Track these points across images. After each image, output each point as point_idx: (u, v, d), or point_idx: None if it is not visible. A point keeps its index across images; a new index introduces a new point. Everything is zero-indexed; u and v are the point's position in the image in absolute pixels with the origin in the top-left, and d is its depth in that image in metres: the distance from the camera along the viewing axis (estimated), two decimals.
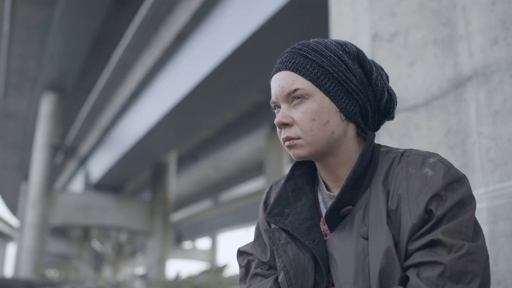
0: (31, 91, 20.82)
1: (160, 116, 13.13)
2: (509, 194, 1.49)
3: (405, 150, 1.11)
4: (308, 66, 1.09)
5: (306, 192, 1.19)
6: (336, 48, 1.13)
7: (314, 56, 1.11)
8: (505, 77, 1.62)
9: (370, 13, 2.23)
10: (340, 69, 1.10)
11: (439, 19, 1.91)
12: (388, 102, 1.16)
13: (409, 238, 0.97)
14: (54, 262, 33.50)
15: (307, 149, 1.09)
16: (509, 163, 1.57)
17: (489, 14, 1.69)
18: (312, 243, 1.10)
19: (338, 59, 1.11)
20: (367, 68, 1.13)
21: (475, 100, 1.70)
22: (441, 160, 1.03)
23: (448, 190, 0.98)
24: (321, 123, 1.07)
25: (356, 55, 1.13)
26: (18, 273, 20.38)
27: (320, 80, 1.08)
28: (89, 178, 22.51)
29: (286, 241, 1.13)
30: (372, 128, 1.18)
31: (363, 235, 1.02)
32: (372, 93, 1.13)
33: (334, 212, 1.07)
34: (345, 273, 1.02)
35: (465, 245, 0.94)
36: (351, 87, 1.10)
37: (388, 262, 0.96)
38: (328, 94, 1.08)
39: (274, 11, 7.78)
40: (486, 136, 1.64)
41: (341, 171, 1.12)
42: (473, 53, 1.73)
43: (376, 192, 1.05)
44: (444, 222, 0.96)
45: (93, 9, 15.06)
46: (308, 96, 1.08)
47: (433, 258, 0.94)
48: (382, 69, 1.20)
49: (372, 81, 1.13)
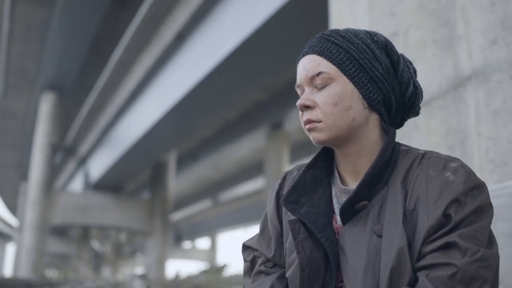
0: (31, 91, 20.82)
1: (160, 116, 13.12)
2: (509, 194, 1.50)
3: (426, 151, 1.10)
4: (335, 51, 1.09)
5: (324, 185, 1.17)
6: (365, 36, 1.13)
7: (341, 42, 1.10)
8: (504, 78, 1.62)
9: (370, 13, 2.24)
10: (367, 56, 1.09)
11: (438, 19, 1.91)
12: (413, 95, 1.14)
13: (424, 240, 0.97)
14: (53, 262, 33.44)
15: (327, 133, 1.08)
16: (508, 164, 1.57)
17: (489, 14, 1.69)
18: (326, 241, 1.09)
19: (365, 47, 1.10)
20: (394, 59, 1.13)
21: (474, 100, 1.70)
22: (462, 166, 1.03)
23: (468, 196, 0.98)
24: (343, 108, 1.07)
25: (385, 45, 1.13)
26: (17, 273, 20.38)
27: (345, 65, 1.08)
28: (89, 178, 22.51)
29: (304, 236, 1.12)
30: (395, 122, 1.17)
31: (377, 232, 1.01)
32: (398, 84, 1.12)
33: (349, 206, 1.06)
34: (355, 268, 1.01)
35: (480, 250, 0.93)
36: (376, 75, 1.09)
37: (399, 262, 0.96)
38: (352, 80, 1.08)
39: (274, 10, 7.78)
40: (486, 136, 1.65)
41: (360, 162, 1.11)
42: (473, 53, 1.73)
43: (394, 190, 1.04)
44: (461, 227, 0.96)
45: (93, 9, 15.05)
46: (331, 80, 1.08)
47: (446, 260, 0.93)
48: (411, 63, 1.19)
49: (398, 72, 1.12)
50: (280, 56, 9.73)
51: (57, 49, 17.23)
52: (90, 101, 17.80)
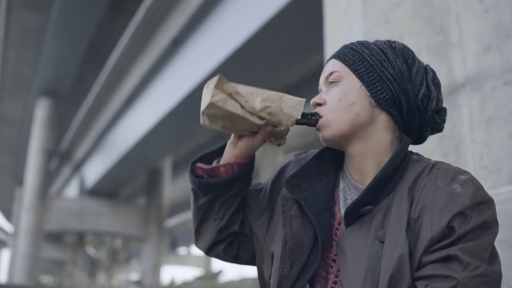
0: (26, 95, 20.77)
1: (156, 121, 13.11)
2: (503, 200, 1.50)
3: (436, 162, 1.09)
4: (350, 54, 1.15)
5: (329, 175, 1.19)
6: (383, 44, 1.17)
7: (358, 48, 1.16)
8: (498, 84, 1.63)
9: (364, 19, 2.24)
10: (379, 58, 1.13)
11: (432, 26, 1.92)
12: (425, 98, 1.13)
13: (425, 249, 0.97)
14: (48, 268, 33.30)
15: (330, 130, 1.11)
16: (502, 170, 1.57)
17: (482, 21, 1.70)
18: (319, 225, 1.10)
19: (379, 51, 1.14)
20: (409, 63, 1.15)
21: (468, 106, 1.71)
22: (472, 179, 1.02)
23: (474, 210, 0.97)
24: (346, 103, 1.10)
25: (401, 51, 1.16)
26: (12, 279, 20.26)
27: (356, 65, 1.13)
28: (84, 184, 22.44)
29: (295, 213, 1.14)
30: (413, 132, 1.17)
31: (379, 238, 1.01)
32: (412, 88, 1.13)
33: (355, 209, 1.06)
34: (355, 271, 1.01)
35: (481, 266, 0.93)
36: (385, 74, 1.11)
37: (399, 269, 0.96)
38: (360, 78, 1.12)
39: (270, 16, 7.80)
40: (479, 142, 1.65)
41: (366, 163, 1.12)
42: (467, 60, 1.74)
43: (400, 197, 1.04)
44: (463, 241, 0.95)
45: (89, 14, 15.06)
46: (341, 78, 1.13)
47: (446, 272, 0.93)
48: (433, 72, 1.18)
49: (412, 74, 1.14)
50: (275, 62, 9.75)
51: (52, 54, 17.21)
52: (86, 106, 17.77)
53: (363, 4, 2.27)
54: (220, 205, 1.23)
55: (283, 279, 1.10)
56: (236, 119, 1.12)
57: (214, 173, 1.23)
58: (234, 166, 1.21)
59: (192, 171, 1.25)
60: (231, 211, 1.24)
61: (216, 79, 1.13)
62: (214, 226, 1.24)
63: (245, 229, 1.27)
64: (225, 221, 1.24)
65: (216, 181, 1.21)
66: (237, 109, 1.11)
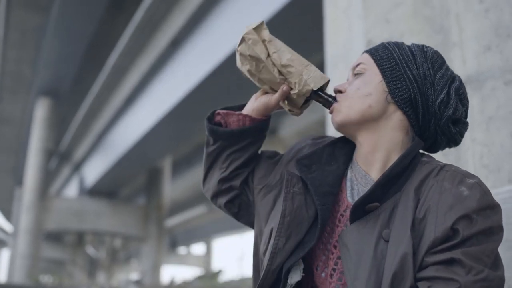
0: (26, 95, 20.76)
1: (155, 121, 13.11)
2: (503, 200, 1.50)
3: (446, 164, 1.09)
4: (381, 50, 1.17)
5: (339, 162, 1.20)
6: (416, 46, 1.18)
7: (391, 46, 1.18)
8: (498, 84, 1.63)
9: (364, 19, 2.25)
10: (406, 58, 1.14)
11: (432, 26, 1.92)
12: (443, 104, 1.12)
13: (428, 250, 0.96)
14: (48, 268, 33.30)
15: (341, 115, 1.14)
16: (502, 169, 1.57)
17: (482, 21, 1.70)
18: (321, 206, 1.11)
19: (409, 52, 1.15)
20: (435, 68, 1.14)
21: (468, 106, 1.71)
22: (479, 184, 1.02)
23: (480, 214, 0.97)
24: (362, 93, 1.12)
25: (431, 56, 1.16)
26: (12, 279, 20.25)
27: (382, 60, 1.15)
28: (84, 183, 22.44)
29: (299, 191, 1.15)
30: (427, 138, 1.15)
31: (385, 237, 1.01)
32: (433, 93, 1.12)
33: (361, 205, 1.06)
34: (359, 269, 1.01)
35: (484, 271, 0.93)
36: (407, 74, 1.12)
37: (402, 268, 0.96)
38: (382, 73, 1.13)
39: (269, 16, 7.80)
40: (480, 142, 1.65)
41: (375, 156, 1.12)
42: (467, 60, 1.74)
43: (407, 197, 1.04)
44: (467, 244, 0.95)
45: (88, 14, 15.05)
46: (365, 70, 1.16)
47: (450, 275, 0.92)
48: (460, 81, 1.17)
49: (436, 79, 1.13)
50: None
51: (52, 54, 17.20)
52: (86, 106, 17.76)
53: (363, 4, 2.27)
54: (227, 155, 1.28)
55: (277, 252, 1.10)
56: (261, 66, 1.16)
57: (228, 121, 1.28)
58: (246, 119, 1.27)
59: (209, 119, 1.32)
60: (236, 164, 1.28)
61: (257, 22, 1.17)
62: (218, 175, 1.29)
63: (248, 192, 1.30)
64: (228, 172, 1.28)
65: (225, 130, 1.26)
66: (262, 55, 1.15)
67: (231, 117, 1.28)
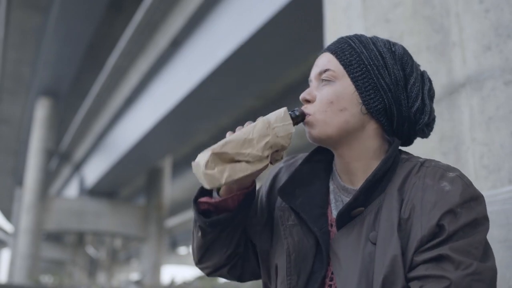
0: (26, 96, 20.76)
1: (155, 122, 13.11)
2: (503, 200, 1.50)
3: (425, 160, 1.09)
4: (347, 52, 1.11)
5: (321, 178, 1.18)
6: (383, 45, 1.13)
7: (357, 46, 1.11)
8: (498, 84, 1.63)
9: (364, 19, 2.24)
10: (376, 63, 1.09)
11: (432, 25, 1.92)
12: (419, 111, 1.12)
13: (416, 249, 0.96)
14: (48, 268, 33.32)
15: (317, 130, 1.09)
16: (502, 169, 1.57)
17: (483, 21, 1.70)
18: (319, 231, 1.09)
19: (378, 54, 1.10)
20: (407, 72, 1.11)
21: (468, 106, 1.71)
22: (460, 176, 1.02)
23: (463, 207, 0.97)
24: (337, 108, 1.07)
25: (400, 57, 1.12)
26: (12, 279, 20.25)
27: (352, 67, 1.09)
28: (84, 184, 22.43)
29: (293, 223, 1.13)
30: (401, 137, 1.14)
31: (372, 240, 1.01)
32: (406, 98, 1.11)
33: (346, 211, 1.05)
34: (349, 274, 1.01)
35: (473, 264, 0.93)
36: (381, 83, 1.08)
37: (393, 270, 0.96)
38: (354, 83, 1.08)
39: (269, 17, 7.80)
40: (480, 142, 1.65)
41: (354, 165, 1.11)
42: (467, 59, 1.74)
43: (390, 198, 1.04)
44: (454, 239, 0.95)
45: (88, 14, 15.05)
46: (335, 79, 1.09)
47: (439, 272, 0.92)
48: (430, 82, 1.16)
49: (408, 85, 1.11)
50: (274, 62, 9.74)
51: (52, 55, 17.20)
52: (85, 107, 17.76)
53: (363, 3, 2.27)
54: (227, 234, 1.18)
55: None
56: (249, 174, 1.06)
57: (221, 206, 1.16)
58: (240, 195, 1.15)
59: (196, 209, 1.18)
60: (238, 236, 1.20)
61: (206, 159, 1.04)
62: (222, 253, 1.20)
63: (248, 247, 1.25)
64: (233, 247, 1.20)
65: (227, 216, 1.14)
66: (247, 169, 1.04)
67: (225, 201, 1.15)
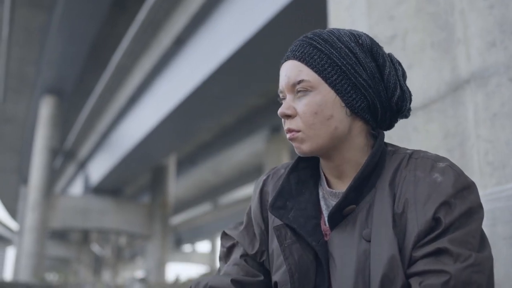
0: (30, 95, 20.82)
1: (159, 120, 13.13)
2: (508, 197, 1.50)
3: (413, 151, 1.07)
4: (316, 57, 1.06)
5: (309, 186, 1.14)
6: (349, 39, 1.08)
7: (324, 47, 1.06)
8: (503, 80, 1.62)
9: (368, 17, 2.24)
10: (350, 62, 1.05)
11: (436, 22, 1.92)
12: (400, 99, 1.10)
13: (414, 244, 0.95)
14: (53, 266, 33.46)
15: (309, 144, 1.05)
16: (507, 166, 1.57)
17: (487, 17, 1.69)
18: (317, 245, 1.06)
19: (348, 52, 1.06)
20: (380, 63, 1.08)
21: (473, 103, 1.71)
22: (451, 166, 1.00)
23: (457, 198, 0.96)
24: (324, 118, 1.03)
25: (370, 48, 1.08)
26: (17, 277, 20.35)
27: (327, 72, 1.04)
28: (88, 182, 22.50)
29: (291, 240, 1.10)
30: (383, 126, 1.13)
31: (365, 237, 0.99)
32: (384, 89, 1.08)
33: (337, 211, 1.03)
34: (344, 274, 0.99)
35: (472, 256, 0.92)
36: (359, 81, 1.05)
37: (391, 269, 0.95)
38: (334, 88, 1.04)
39: (272, 16, 7.80)
40: (484, 139, 1.65)
41: (344, 167, 1.09)
42: (471, 56, 1.73)
43: (382, 193, 1.02)
44: (451, 230, 0.94)
45: (92, 13, 15.07)
46: (312, 88, 1.04)
47: (439, 266, 0.91)
48: (400, 64, 1.14)
49: (384, 76, 1.08)
50: (277, 61, 9.55)
51: (56, 53, 17.24)
52: (90, 105, 17.81)
53: (366, 1, 2.26)
54: None
55: None
56: None
57: None
58: None
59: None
60: None
61: None
62: None
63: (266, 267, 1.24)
64: None
65: None
66: None
67: None
